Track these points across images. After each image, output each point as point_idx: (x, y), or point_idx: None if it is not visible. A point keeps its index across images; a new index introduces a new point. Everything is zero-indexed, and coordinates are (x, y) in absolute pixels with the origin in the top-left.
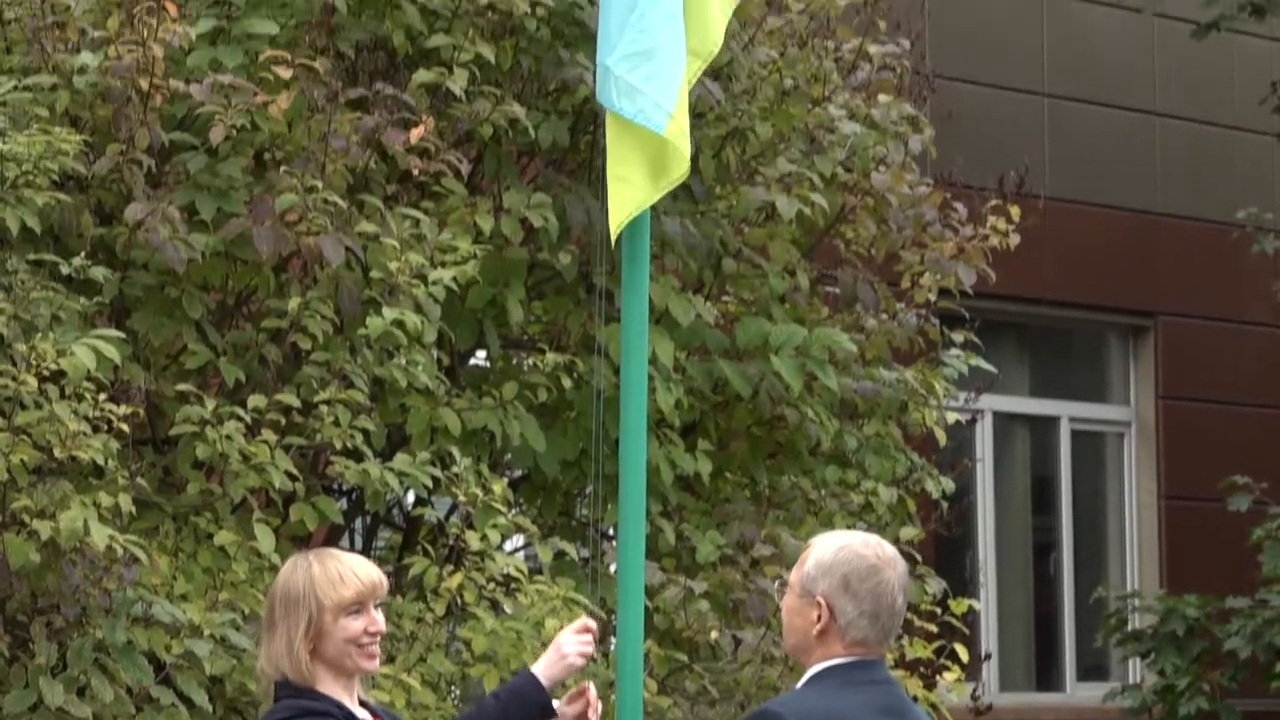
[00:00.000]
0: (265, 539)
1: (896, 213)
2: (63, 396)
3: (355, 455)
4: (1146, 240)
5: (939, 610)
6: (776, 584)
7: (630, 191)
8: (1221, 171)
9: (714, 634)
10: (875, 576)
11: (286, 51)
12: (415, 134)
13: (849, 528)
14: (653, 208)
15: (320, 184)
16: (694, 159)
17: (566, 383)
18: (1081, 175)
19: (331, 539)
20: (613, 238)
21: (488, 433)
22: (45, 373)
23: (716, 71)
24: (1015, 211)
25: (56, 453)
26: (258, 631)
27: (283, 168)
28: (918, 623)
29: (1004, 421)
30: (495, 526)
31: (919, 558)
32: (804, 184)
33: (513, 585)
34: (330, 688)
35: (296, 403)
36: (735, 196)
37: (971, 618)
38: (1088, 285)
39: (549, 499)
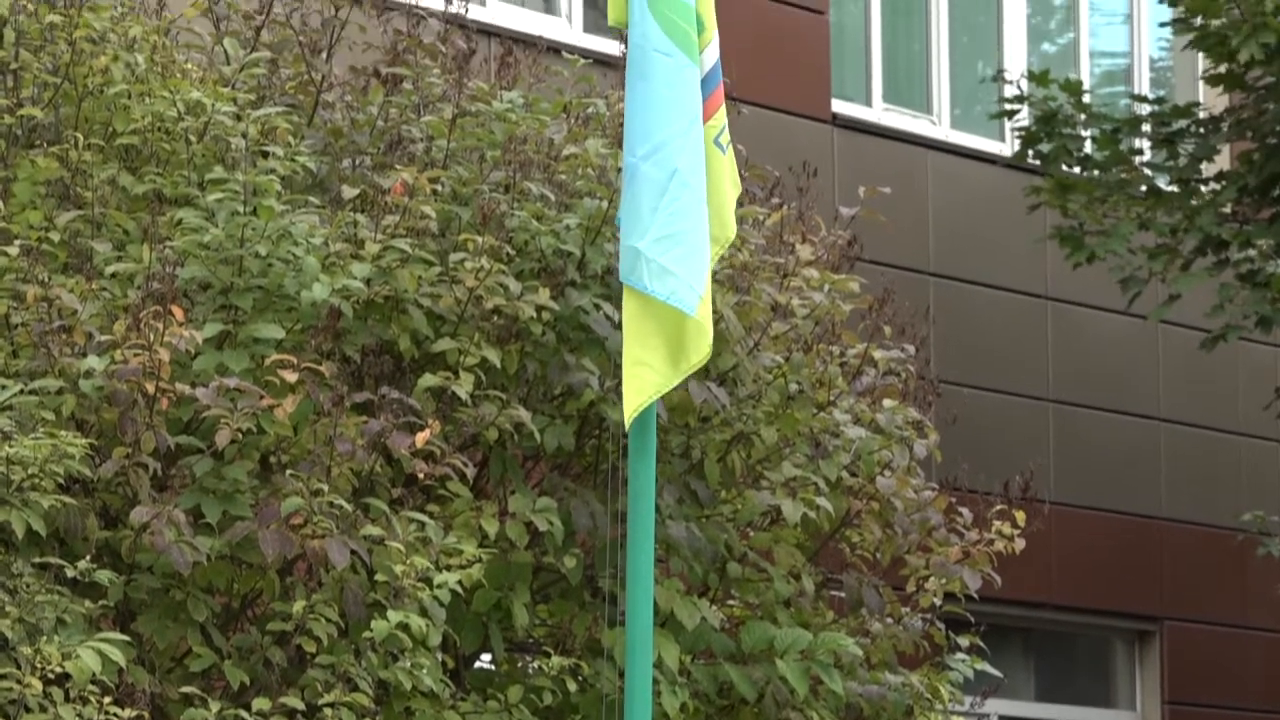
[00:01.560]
0: None
1: (902, 517)
2: (67, 699)
3: None
4: (1151, 545)
5: None
6: None
7: (650, 375)
8: (1226, 476)
9: None
10: None
11: (292, 355)
12: (421, 438)
13: None
14: (658, 511)
15: (326, 487)
16: (699, 463)
17: (572, 686)
18: (1086, 480)
19: None
20: (627, 423)
21: None
22: (50, 676)
23: (722, 376)
24: (1020, 516)
25: None
26: None
27: (288, 471)
28: None
29: None
30: None
31: None
32: (809, 488)
33: None
34: None
35: (301, 705)
36: (740, 501)
37: None
38: (1093, 590)
39: None
